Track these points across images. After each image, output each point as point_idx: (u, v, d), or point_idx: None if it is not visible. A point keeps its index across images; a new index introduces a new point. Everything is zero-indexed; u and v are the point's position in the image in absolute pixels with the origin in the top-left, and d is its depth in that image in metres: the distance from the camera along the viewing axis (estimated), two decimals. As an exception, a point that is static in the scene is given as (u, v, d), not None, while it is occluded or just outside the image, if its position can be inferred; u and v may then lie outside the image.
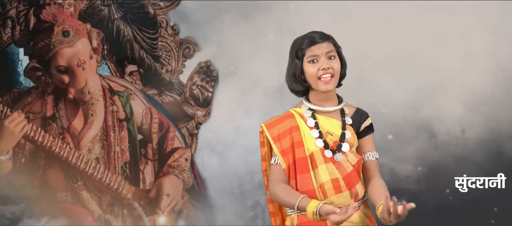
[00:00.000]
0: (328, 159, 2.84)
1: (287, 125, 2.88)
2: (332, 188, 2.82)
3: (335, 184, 2.83)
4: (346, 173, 2.84)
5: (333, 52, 2.85)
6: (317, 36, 2.86)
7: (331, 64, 2.83)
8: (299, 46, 2.86)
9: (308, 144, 2.85)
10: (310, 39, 2.85)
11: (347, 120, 2.89)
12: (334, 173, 2.83)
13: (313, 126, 2.86)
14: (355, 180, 2.86)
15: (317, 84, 2.83)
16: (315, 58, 2.83)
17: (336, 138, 2.87)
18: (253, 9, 4.89)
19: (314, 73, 2.82)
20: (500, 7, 4.75)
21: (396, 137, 4.79)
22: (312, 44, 2.83)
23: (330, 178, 2.83)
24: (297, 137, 2.86)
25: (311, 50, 2.83)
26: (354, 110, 2.93)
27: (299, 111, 2.91)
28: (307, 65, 2.84)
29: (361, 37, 4.71)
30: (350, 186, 2.85)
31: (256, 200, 4.91)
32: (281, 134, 2.87)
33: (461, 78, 4.78)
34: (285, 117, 2.91)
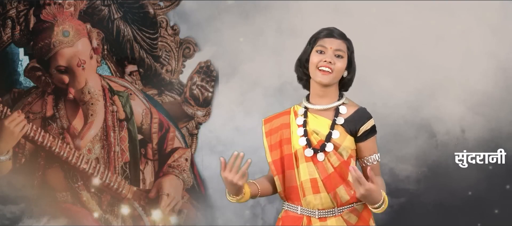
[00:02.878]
0: (308, 158, 2.85)
1: (279, 122, 2.93)
2: (310, 188, 2.84)
3: (313, 183, 2.84)
4: (327, 174, 2.84)
5: (343, 52, 2.86)
6: (335, 32, 2.89)
7: (335, 60, 2.83)
8: (316, 34, 2.90)
9: (294, 141, 2.87)
10: (327, 32, 2.88)
11: (338, 120, 2.86)
12: (314, 173, 2.84)
13: (300, 124, 2.88)
14: (336, 183, 2.84)
15: (315, 73, 2.84)
16: (322, 50, 2.85)
17: (321, 137, 2.85)
18: (253, 9, 4.90)
19: (315, 62, 2.84)
20: (500, 7, 4.75)
21: (396, 137, 4.79)
22: (326, 37, 2.86)
23: (309, 178, 2.84)
24: (287, 134, 2.89)
25: (323, 41, 2.86)
26: (354, 110, 2.89)
27: (296, 108, 2.95)
28: (313, 54, 2.86)
29: (361, 37, 4.68)
30: (330, 188, 2.84)
31: (256, 200, 4.91)
32: (272, 129, 2.93)
33: (461, 78, 4.78)
34: (282, 114, 2.96)
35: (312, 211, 2.86)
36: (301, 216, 2.87)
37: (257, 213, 4.94)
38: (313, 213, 2.85)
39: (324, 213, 2.85)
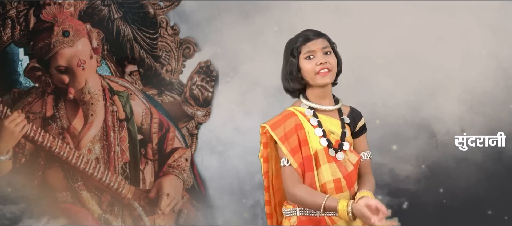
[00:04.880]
0: (331, 158, 2.84)
1: (292, 123, 2.86)
2: (334, 188, 2.82)
3: (337, 184, 2.83)
4: (347, 173, 2.85)
5: (329, 48, 2.86)
6: (311, 33, 2.87)
7: (327, 59, 2.83)
8: (294, 44, 2.86)
9: (313, 142, 2.84)
10: (304, 37, 2.85)
11: (345, 119, 2.91)
12: (336, 173, 2.84)
13: (316, 124, 2.86)
14: (354, 179, 2.88)
15: (315, 78, 2.83)
16: (311, 54, 2.83)
17: (337, 137, 2.87)
18: (253, 9, 4.90)
19: (311, 69, 2.82)
20: (500, 7, 4.75)
21: (396, 137, 4.79)
22: (307, 41, 2.84)
23: (333, 178, 2.83)
24: (303, 135, 2.84)
25: (307, 46, 2.83)
26: (349, 110, 2.96)
27: (299, 109, 2.90)
28: (303, 62, 2.84)
29: (361, 37, 4.71)
30: (349, 186, 2.86)
31: (256, 200, 4.91)
32: (287, 133, 2.84)
33: (461, 78, 4.78)
34: (288, 116, 2.88)
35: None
36: (321, 218, 2.82)
37: (257, 213, 4.94)
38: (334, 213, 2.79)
39: None
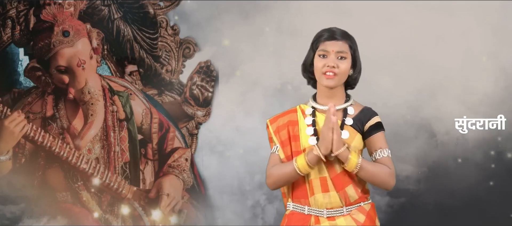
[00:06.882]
0: None
1: (286, 119, 2.93)
2: (320, 186, 2.85)
3: (323, 182, 2.84)
4: (335, 174, 2.85)
5: (345, 53, 2.85)
6: (337, 33, 2.88)
7: (338, 63, 2.84)
8: (318, 38, 2.89)
9: (303, 140, 2.88)
10: (328, 34, 2.87)
11: (347, 121, 2.88)
12: (323, 172, 2.85)
13: (310, 123, 2.89)
14: (345, 182, 2.86)
15: (321, 78, 2.85)
16: (325, 54, 2.85)
17: None
18: (253, 9, 4.90)
19: (319, 68, 2.85)
20: (500, 7, 4.75)
21: (396, 137, 4.78)
22: (327, 39, 2.85)
23: (319, 176, 2.85)
24: (295, 131, 2.90)
25: (324, 45, 2.85)
26: (360, 110, 2.92)
27: (303, 107, 2.94)
28: (316, 59, 2.87)
29: (361, 37, 4.69)
30: (339, 187, 2.85)
31: (256, 200, 4.91)
32: (280, 126, 2.93)
33: (461, 78, 4.78)
34: (288, 112, 2.96)
35: (320, 211, 2.85)
36: (308, 215, 2.87)
37: (257, 213, 4.94)
38: (321, 213, 2.85)
39: (332, 212, 2.85)
